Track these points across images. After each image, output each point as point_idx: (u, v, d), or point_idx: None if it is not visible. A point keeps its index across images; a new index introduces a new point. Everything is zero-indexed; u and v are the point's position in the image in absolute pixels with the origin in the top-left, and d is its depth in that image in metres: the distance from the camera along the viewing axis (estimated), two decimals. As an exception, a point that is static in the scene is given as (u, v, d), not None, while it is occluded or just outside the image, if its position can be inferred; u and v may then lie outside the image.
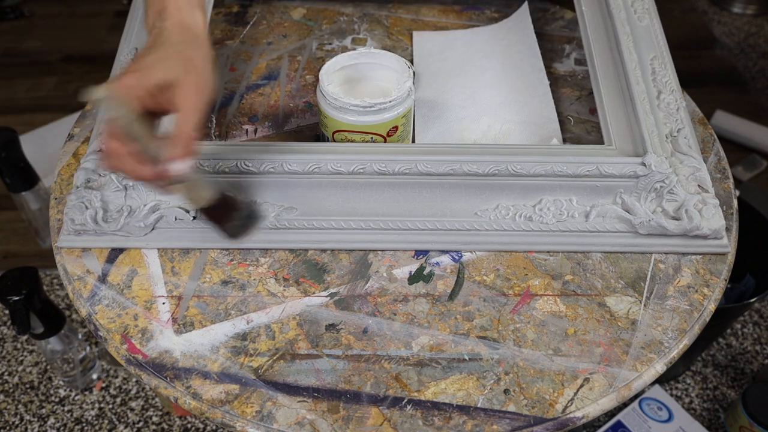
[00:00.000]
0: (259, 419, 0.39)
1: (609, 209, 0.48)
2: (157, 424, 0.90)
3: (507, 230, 0.48)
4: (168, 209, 0.48)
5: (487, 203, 0.48)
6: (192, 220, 0.48)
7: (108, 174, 0.47)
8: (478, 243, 0.48)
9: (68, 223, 0.47)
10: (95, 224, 0.46)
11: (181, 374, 0.41)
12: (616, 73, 0.54)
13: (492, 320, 0.44)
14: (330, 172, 0.47)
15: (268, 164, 0.46)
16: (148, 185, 0.47)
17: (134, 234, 0.47)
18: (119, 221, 0.47)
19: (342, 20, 0.71)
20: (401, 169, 0.46)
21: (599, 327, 0.44)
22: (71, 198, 0.47)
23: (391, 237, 0.48)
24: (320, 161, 0.46)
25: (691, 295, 0.46)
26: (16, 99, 1.42)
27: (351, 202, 0.48)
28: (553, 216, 0.48)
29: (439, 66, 0.65)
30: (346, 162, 0.46)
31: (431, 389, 0.40)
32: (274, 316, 0.44)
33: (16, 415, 0.91)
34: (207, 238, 0.47)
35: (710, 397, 0.94)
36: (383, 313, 0.44)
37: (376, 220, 0.48)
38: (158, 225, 0.48)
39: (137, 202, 0.47)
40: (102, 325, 0.43)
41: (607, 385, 0.41)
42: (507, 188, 0.48)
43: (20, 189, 0.99)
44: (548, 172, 0.47)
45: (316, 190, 0.48)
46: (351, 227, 0.48)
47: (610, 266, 0.47)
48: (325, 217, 0.48)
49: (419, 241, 0.48)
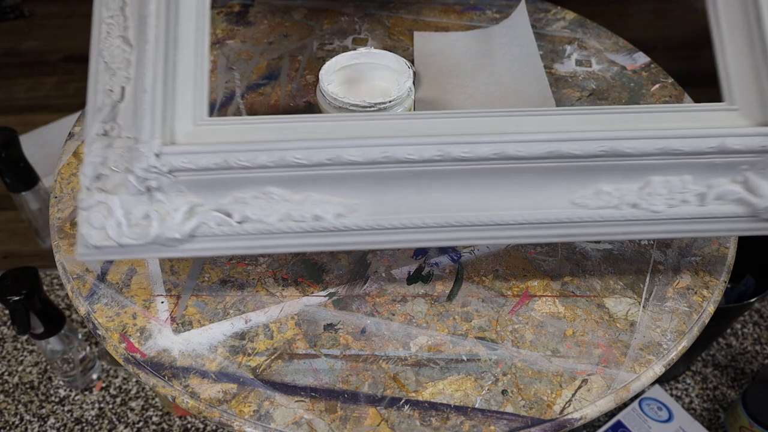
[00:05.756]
0: (256, 419, 0.39)
1: (728, 190, 0.40)
2: (157, 424, 0.90)
3: (609, 221, 0.40)
4: (207, 213, 0.39)
5: (585, 188, 0.40)
6: (237, 225, 0.39)
7: (123, 170, 0.38)
8: (577, 235, 0.41)
9: (86, 237, 0.38)
10: (119, 237, 0.38)
11: (179, 373, 0.41)
12: (744, 11, 0.42)
13: (490, 321, 0.44)
14: (399, 161, 0.39)
15: (322, 154, 0.38)
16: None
17: (168, 246, 0.39)
18: (149, 233, 0.38)
19: (343, 20, 0.71)
20: (487, 153, 0.38)
21: (598, 328, 0.44)
22: (84, 202, 0.38)
23: (475, 234, 0.40)
24: (387, 148, 0.38)
25: (690, 297, 0.46)
26: (16, 99, 1.42)
27: (425, 195, 0.40)
28: (664, 201, 0.40)
29: (440, 66, 0.65)
30: (419, 148, 0.38)
31: (429, 389, 0.40)
32: (272, 316, 0.44)
33: (16, 415, 0.91)
34: (256, 246, 0.40)
35: (710, 397, 0.94)
36: (381, 314, 0.44)
37: (458, 215, 0.40)
38: (197, 232, 0.39)
39: (166, 206, 0.39)
40: (100, 323, 0.43)
41: (605, 387, 0.40)
42: (608, 170, 0.40)
43: (20, 189, 0.99)
44: (662, 151, 0.39)
45: (382, 182, 0.40)
46: (428, 225, 0.40)
47: (609, 267, 0.47)
48: (395, 214, 0.40)
49: (508, 237, 0.41)
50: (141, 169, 0.38)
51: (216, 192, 0.39)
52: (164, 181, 0.38)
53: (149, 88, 0.39)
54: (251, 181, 0.39)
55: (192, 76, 0.41)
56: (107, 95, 0.40)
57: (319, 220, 0.39)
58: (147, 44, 0.40)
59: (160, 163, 0.38)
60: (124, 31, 0.42)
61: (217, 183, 0.39)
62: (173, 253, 0.39)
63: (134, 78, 0.40)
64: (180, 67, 0.41)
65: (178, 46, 0.41)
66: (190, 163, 0.38)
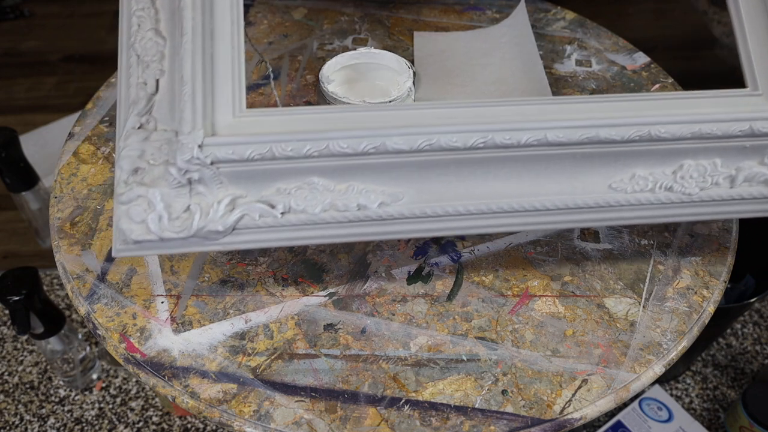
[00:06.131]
0: (256, 419, 0.39)
1: (756, 172, 0.41)
2: (157, 424, 0.90)
3: (645, 204, 0.42)
4: (250, 205, 0.39)
5: (622, 173, 0.42)
6: (281, 216, 0.39)
7: (161, 162, 0.38)
8: (614, 219, 0.42)
9: (125, 232, 0.37)
10: (161, 231, 0.37)
11: (179, 373, 0.41)
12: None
13: (490, 321, 0.44)
14: (443, 149, 0.39)
15: (367, 143, 0.38)
16: None
17: (210, 239, 0.39)
18: (191, 226, 0.37)
19: (343, 20, 0.71)
20: (528, 140, 0.39)
21: (598, 328, 0.44)
22: (123, 197, 0.37)
23: (516, 220, 0.41)
24: (432, 136, 0.39)
25: (690, 297, 0.46)
26: (16, 99, 1.42)
27: (467, 183, 0.41)
28: (696, 184, 0.41)
29: (440, 66, 0.65)
30: (462, 135, 0.39)
31: (429, 389, 0.40)
32: (272, 316, 0.44)
33: (16, 415, 0.91)
34: (299, 237, 0.40)
35: (710, 397, 0.94)
36: (381, 314, 0.44)
37: (500, 201, 0.40)
38: (239, 225, 0.39)
39: (207, 198, 0.38)
40: (100, 323, 0.43)
41: (605, 387, 0.40)
42: (644, 155, 0.41)
43: (20, 189, 0.99)
44: (695, 135, 0.40)
45: (425, 171, 0.40)
46: (471, 212, 0.40)
47: (609, 267, 0.47)
48: (438, 202, 0.40)
49: (550, 222, 0.42)
50: (183, 160, 0.37)
51: (258, 183, 0.39)
52: (206, 173, 0.38)
53: (189, 80, 0.39)
54: (294, 171, 0.39)
55: (230, 68, 0.40)
56: (141, 88, 0.39)
57: (363, 210, 0.40)
58: (184, 36, 0.40)
59: (203, 155, 0.37)
60: (156, 23, 0.41)
61: (259, 174, 0.39)
62: (214, 247, 0.39)
63: (169, 70, 0.40)
64: (218, 58, 0.40)
65: (215, 38, 0.40)
66: (234, 154, 0.37)
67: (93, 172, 0.53)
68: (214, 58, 0.40)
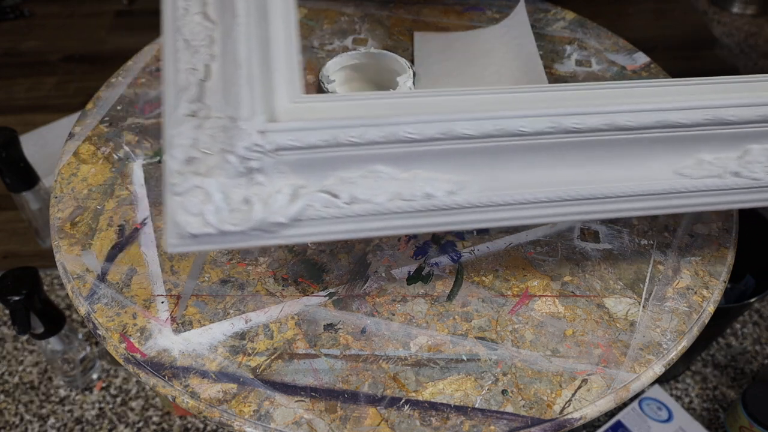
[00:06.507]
0: (256, 418, 0.39)
1: None
2: (157, 424, 0.90)
3: (713, 189, 0.41)
4: (312, 194, 0.36)
5: (688, 158, 0.41)
6: (345, 206, 0.37)
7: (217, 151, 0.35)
8: (681, 206, 0.41)
9: (181, 225, 0.35)
10: (220, 223, 0.35)
11: (179, 373, 0.41)
12: None
13: (490, 321, 0.44)
14: (512, 134, 0.38)
15: (434, 129, 0.36)
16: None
17: (270, 231, 0.36)
18: (251, 217, 0.35)
19: (343, 20, 0.71)
20: (597, 124, 0.38)
21: (598, 328, 0.44)
22: (178, 187, 0.35)
23: (584, 208, 0.40)
24: (500, 121, 0.37)
25: (690, 297, 0.46)
26: (16, 99, 1.42)
27: (533, 170, 0.39)
28: (763, 168, 0.40)
29: (440, 66, 0.65)
30: (531, 120, 0.37)
31: (429, 389, 0.40)
32: (272, 316, 0.44)
33: (16, 415, 0.91)
34: (364, 228, 0.38)
35: (710, 397, 0.94)
36: (381, 313, 0.44)
37: (568, 189, 0.39)
38: (302, 215, 0.36)
39: (267, 188, 0.36)
40: (101, 323, 0.43)
41: (605, 387, 0.41)
42: (710, 139, 0.41)
43: (20, 189, 0.99)
44: (763, 118, 0.40)
45: (490, 157, 0.38)
46: (540, 200, 0.39)
47: (609, 267, 0.47)
48: (505, 190, 0.39)
49: (616, 210, 0.41)
50: (243, 148, 0.35)
51: (319, 172, 0.37)
52: (266, 161, 0.35)
53: (244, 63, 0.37)
54: (358, 159, 0.37)
55: (284, 52, 0.38)
56: (191, 74, 0.37)
57: (430, 199, 0.38)
58: (237, 17, 0.38)
59: (265, 141, 0.35)
60: (204, 6, 0.39)
61: (321, 162, 0.37)
62: (274, 240, 0.37)
63: (220, 55, 0.38)
64: (273, 42, 0.38)
65: (269, 21, 0.38)
66: (297, 140, 0.35)
67: (93, 172, 0.53)
68: (268, 41, 0.38)
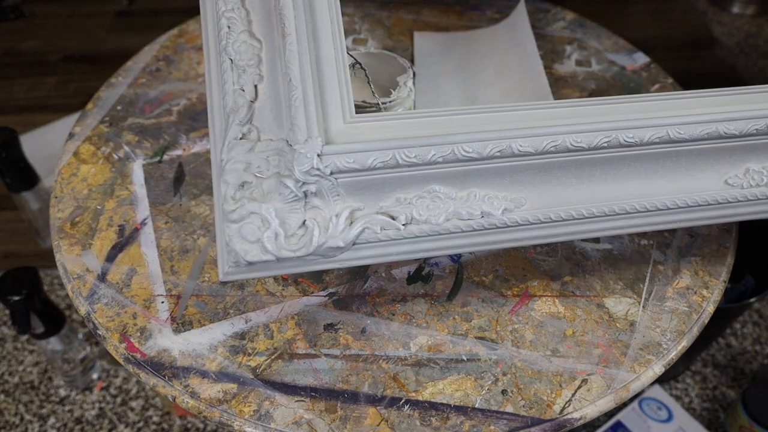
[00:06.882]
0: (256, 418, 0.39)
1: None
2: (157, 424, 0.90)
3: (762, 199, 0.41)
4: (370, 217, 0.36)
5: (736, 168, 0.41)
6: (403, 228, 0.36)
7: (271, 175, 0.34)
8: (730, 216, 0.42)
9: (239, 254, 0.34)
10: (278, 250, 0.34)
11: (179, 373, 0.41)
12: None
13: (490, 321, 0.44)
14: (568, 150, 0.37)
15: (492, 147, 0.36)
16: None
17: (328, 256, 0.36)
18: (311, 243, 0.34)
19: (343, 20, 0.71)
20: (651, 137, 0.38)
21: (597, 328, 0.44)
22: (234, 214, 0.34)
23: (639, 221, 0.40)
24: (557, 137, 0.37)
25: (690, 297, 0.46)
26: (16, 99, 1.42)
27: (586, 184, 0.40)
28: None
29: (440, 66, 0.65)
30: (587, 135, 0.37)
31: (429, 389, 0.40)
32: (272, 316, 0.44)
33: (16, 415, 0.91)
34: (422, 249, 0.38)
35: (710, 397, 0.94)
36: (381, 313, 0.44)
37: (623, 203, 0.39)
38: (359, 239, 0.36)
39: (324, 212, 0.35)
40: (101, 323, 0.43)
41: (605, 387, 0.41)
42: (757, 149, 0.41)
43: (20, 189, 0.99)
44: None
45: (545, 174, 0.38)
46: (595, 215, 0.39)
47: (609, 267, 0.47)
48: (560, 206, 0.39)
49: (668, 222, 0.41)
50: (302, 172, 0.34)
51: (376, 194, 0.36)
52: (324, 184, 0.35)
53: (298, 84, 0.36)
54: (414, 179, 0.36)
55: (335, 70, 0.37)
56: (239, 95, 0.37)
57: (487, 217, 0.38)
58: (287, 37, 0.37)
59: (323, 165, 0.34)
60: (249, 25, 0.38)
61: (377, 184, 0.36)
62: (331, 264, 0.36)
63: (268, 75, 0.37)
64: (323, 61, 0.37)
65: (318, 39, 0.38)
66: (356, 162, 0.35)
67: (93, 172, 0.53)
68: (319, 60, 0.37)
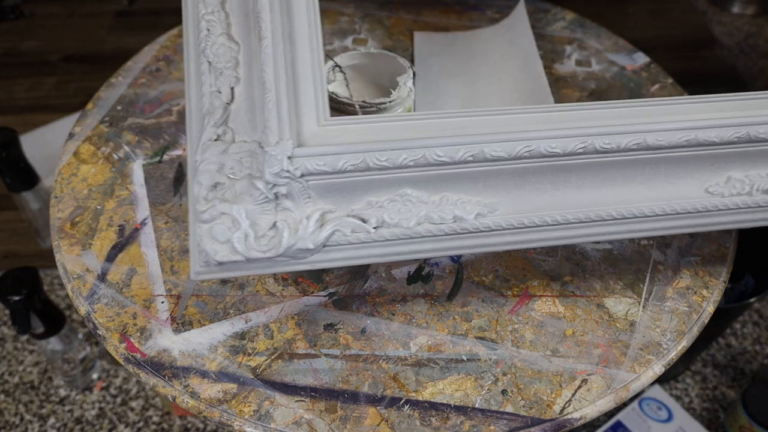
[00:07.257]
0: (256, 418, 0.39)
1: None
2: (157, 424, 0.90)
3: (743, 208, 0.41)
4: (340, 220, 0.36)
5: (717, 176, 0.41)
6: (374, 231, 0.36)
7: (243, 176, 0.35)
8: (711, 224, 0.41)
9: (209, 254, 0.35)
10: (247, 251, 0.35)
11: (179, 373, 0.41)
12: None
13: (490, 321, 0.44)
14: (542, 155, 0.37)
15: (465, 151, 0.36)
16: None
17: (298, 258, 0.36)
18: (280, 244, 0.35)
19: (343, 20, 0.71)
20: (629, 144, 0.38)
21: (597, 328, 0.44)
22: (205, 215, 0.35)
23: (615, 228, 0.40)
24: (531, 142, 0.37)
25: (690, 297, 0.46)
26: (16, 99, 1.42)
27: (561, 191, 0.39)
28: None
29: (440, 66, 0.65)
30: (562, 141, 0.37)
31: (429, 389, 0.40)
32: (272, 316, 0.44)
33: (16, 415, 0.91)
34: (392, 253, 0.38)
35: (710, 397, 0.94)
36: (381, 313, 0.44)
37: (598, 210, 0.39)
38: (330, 241, 0.36)
39: (295, 214, 0.36)
40: (101, 323, 0.43)
41: (605, 387, 0.41)
42: (739, 157, 0.40)
43: (20, 189, 0.99)
44: None
45: (519, 179, 0.38)
46: (569, 221, 0.39)
47: (609, 267, 0.47)
48: (534, 212, 0.39)
49: (647, 229, 0.41)
50: (272, 173, 0.35)
51: (347, 197, 0.37)
52: (294, 186, 0.35)
53: (272, 87, 0.36)
54: (386, 183, 0.37)
55: (311, 73, 0.38)
56: (215, 97, 0.37)
57: (459, 222, 0.38)
58: (263, 40, 0.37)
59: (293, 167, 0.35)
60: (228, 28, 0.39)
61: (349, 187, 0.36)
62: (301, 266, 0.36)
63: (245, 78, 0.38)
64: (299, 63, 0.38)
65: (295, 42, 0.38)
66: (326, 165, 0.35)
67: (93, 172, 0.53)
68: (294, 63, 0.38)
